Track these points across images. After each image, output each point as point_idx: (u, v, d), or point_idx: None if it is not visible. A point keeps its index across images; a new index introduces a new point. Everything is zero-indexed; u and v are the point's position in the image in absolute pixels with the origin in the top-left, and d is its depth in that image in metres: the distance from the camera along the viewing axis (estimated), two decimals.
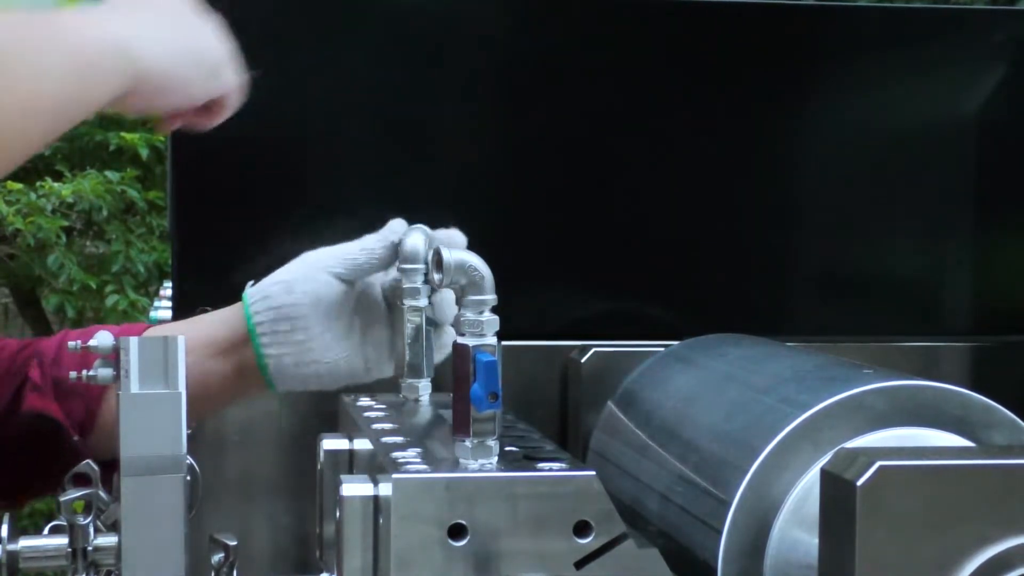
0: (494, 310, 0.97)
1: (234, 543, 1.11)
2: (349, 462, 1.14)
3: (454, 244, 1.19)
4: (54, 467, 1.17)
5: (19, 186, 4.49)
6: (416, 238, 1.20)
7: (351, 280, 1.22)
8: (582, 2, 1.49)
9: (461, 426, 0.95)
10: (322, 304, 1.21)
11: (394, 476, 0.90)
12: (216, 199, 1.44)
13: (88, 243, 4.89)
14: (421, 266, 1.21)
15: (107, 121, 3.86)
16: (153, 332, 1.22)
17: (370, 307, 1.24)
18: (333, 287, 1.21)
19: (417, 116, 1.47)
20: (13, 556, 1.10)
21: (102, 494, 1.10)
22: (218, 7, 1.41)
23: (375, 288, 1.25)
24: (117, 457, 1.05)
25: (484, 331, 0.96)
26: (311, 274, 1.21)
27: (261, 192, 1.45)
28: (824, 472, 0.84)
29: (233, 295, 1.43)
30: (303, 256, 1.24)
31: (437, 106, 1.48)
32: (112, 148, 4.65)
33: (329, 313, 1.21)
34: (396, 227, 1.22)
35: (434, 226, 1.23)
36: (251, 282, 1.24)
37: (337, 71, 1.46)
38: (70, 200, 4.50)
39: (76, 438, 1.20)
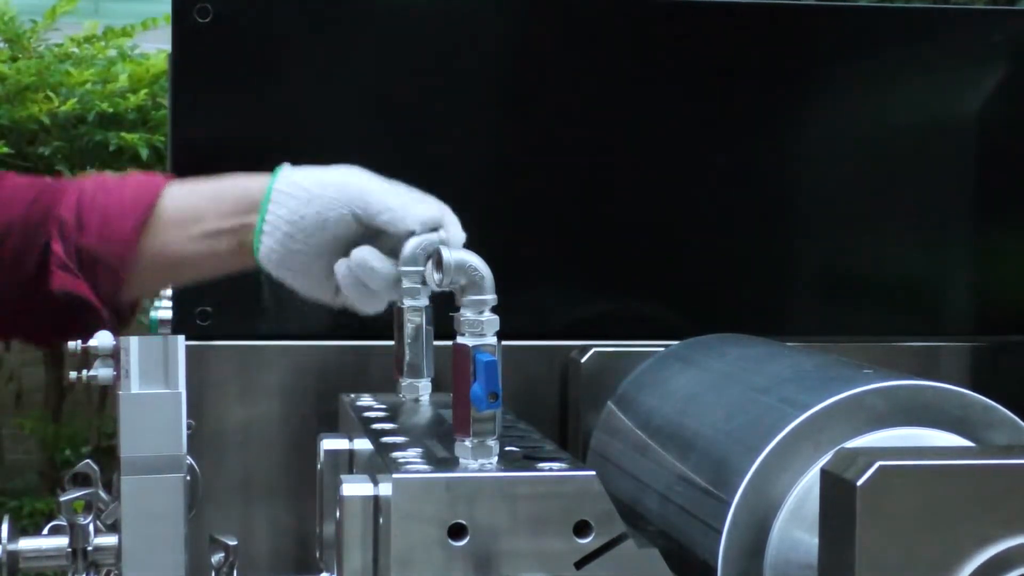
0: (494, 310, 0.97)
1: (234, 543, 1.11)
2: (349, 462, 1.14)
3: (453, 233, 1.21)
4: (80, 332, 1.21)
5: None
6: (416, 240, 1.20)
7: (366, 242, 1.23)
8: (581, 2, 1.49)
9: (461, 426, 0.95)
10: (328, 247, 1.22)
11: (394, 476, 0.90)
12: None
13: None
14: (421, 268, 1.21)
15: (107, 121, 3.86)
16: (174, 189, 1.27)
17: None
18: (349, 231, 1.22)
19: (417, 116, 1.47)
20: (13, 556, 1.09)
21: (102, 494, 1.10)
22: (218, 9, 1.41)
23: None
24: (154, 288, 1.21)
25: (484, 331, 0.96)
26: (338, 217, 1.21)
27: None
28: (824, 472, 0.84)
29: (233, 295, 1.44)
30: (353, 180, 1.23)
31: (437, 106, 1.48)
32: (112, 148, 4.63)
33: (330, 252, 1.22)
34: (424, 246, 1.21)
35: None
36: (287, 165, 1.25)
37: (337, 71, 1.46)
38: None
39: (103, 313, 1.24)
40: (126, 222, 1.23)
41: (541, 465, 0.95)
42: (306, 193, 1.22)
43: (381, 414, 1.16)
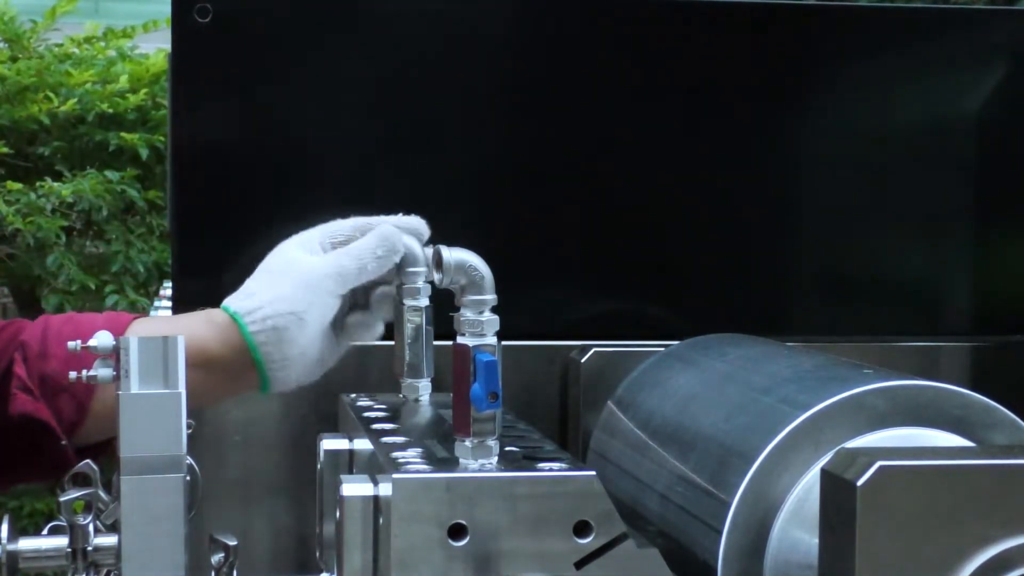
0: (494, 310, 0.97)
1: (234, 543, 1.11)
2: (349, 462, 1.14)
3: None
4: (39, 466, 1.18)
5: (19, 186, 4.48)
6: (415, 241, 1.20)
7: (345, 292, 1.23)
8: (582, 3, 1.49)
9: (461, 426, 0.95)
10: (326, 324, 1.22)
11: (394, 476, 0.90)
12: (216, 199, 1.44)
13: (88, 243, 4.88)
14: (422, 269, 1.21)
15: (107, 121, 3.86)
16: (138, 327, 1.21)
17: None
18: (335, 306, 1.22)
19: (417, 117, 1.47)
20: (13, 556, 1.09)
21: (102, 494, 1.10)
22: (218, 9, 1.41)
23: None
24: (110, 438, 1.06)
25: (484, 331, 0.96)
26: (318, 300, 1.20)
27: (260, 192, 1.45)
28: (824, 472, 0.84)
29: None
30: (294, 263, 1.22)
31: (437, 106, 1.48)
32: (112, 148, 4.64)
33: (329, 328, 1.23)
34: (390, 238, 1.21)
35: (433, 225, 1.23)
36: (232, 298, 1.22)
37: (336, 72, 1.46)
38: (70, 200, 4.49)
39: (64, 442, 1.19)
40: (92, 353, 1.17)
41: (541, 465, 0.95)
42: (288, 318, 1.20)
43: (381, 414, 1.16)
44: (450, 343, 0.97)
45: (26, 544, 1.11)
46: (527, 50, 1.50)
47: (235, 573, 1.11)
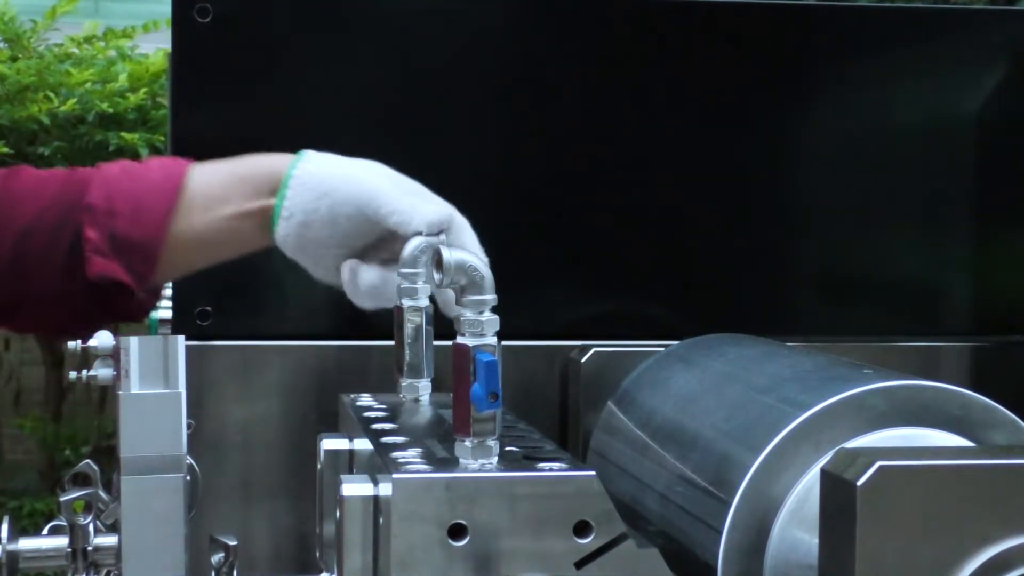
0: (494, 310, 0.97)
1: (234, 543, 1.11)
2: (349, 462, 1.14)
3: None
4: (116, 315, 1.27)
5: None
6: (416, 241, 1.20)
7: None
8: (582, 3, 1.49)
9: (461, 426, 0.95)
10: (339, 241, 1.25)
11: (394, 476, 0.90)
12: None
13: None
14: (421, 270, 1.21)
15: (107, 121, 3.86)
16: (196, 172, 1.28)
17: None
18: (360, 229, 1.24)
19: (417, 116, 1.47)
20: (13, 556, 1.09)
21: (102, 494, 1.10)
22: (218, 9, 1.41)
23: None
24: (181, 271, 1.27)
25: (484, 331, 0.96)
26: (349, 215, 1.23)
27: None
28: (824, 472, 0.84)
29: (233, 295, 1.44)
30: (369, 178, 1.24)
31: (437, 106, 1.48)
32: (112, 148, 4.64)
33: (339, 245, 1.25)
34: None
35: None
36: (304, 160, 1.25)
37: (336, 71, 1.46)
38: None
39: (141, 295, 1.26)
40: (157, 206, 1.24)
41: (541, 465, 0.94)
42: (321, 185, 1.23)
43: (381, 414, 1.16)
44: (450, 343, 0.97)
45: (26, 544, 1.11)
46: (528, 50, 1.50)
47: (235, 573, 1.11)
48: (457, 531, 0.90)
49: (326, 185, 1.23)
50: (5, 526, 1.11)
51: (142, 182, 1.26)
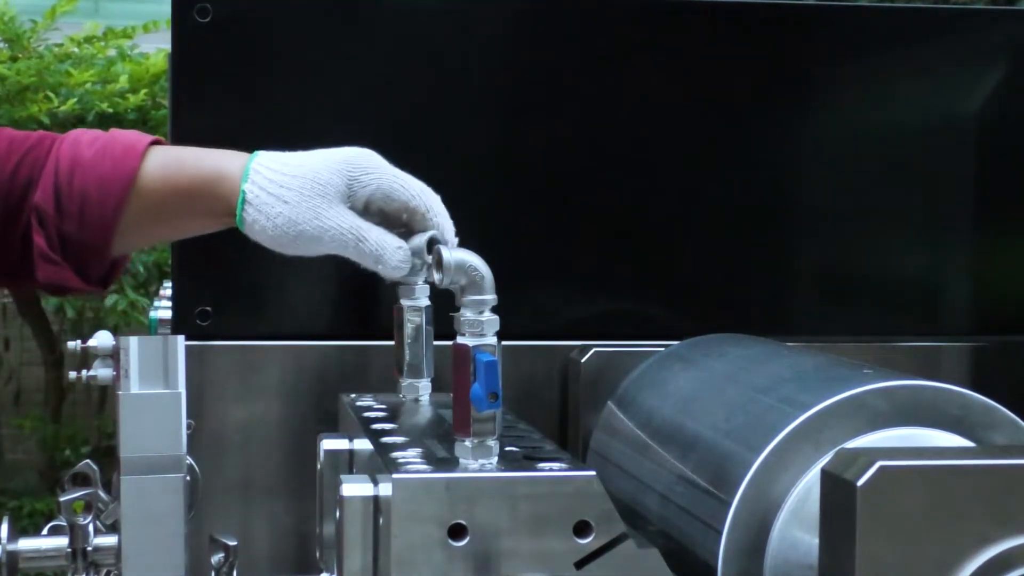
0: (494, 310, 0.97)
1: (234, 543, 1.11)
2: (349, 462, 1.14)
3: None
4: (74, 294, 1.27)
5: None
6: (417, 240, 1.20)
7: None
8: (581, 5, 1.49)
9: (461, 426, 0.95)
10: (317, 204, 1.19)
11: (394, 476, 0.90)
12: None
13: None
14: (420, 271, 1.21)
15: (107, 121, 3.86)
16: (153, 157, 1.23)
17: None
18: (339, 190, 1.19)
19: (417, 116, 1.47)
20: (13, 556, 1.09)
21: (102, 494, 1.10)
22: (218, 9, 1.41)
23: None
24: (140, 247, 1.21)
25: (484, 331, 0.96)
26: (329, 177, 1.18)
27: None
28: (824, 472, 0.84)
29: (233, 295, 1.44)
30: (327, 189, 1.19)
31: (437, 106, 1.48)
32: None
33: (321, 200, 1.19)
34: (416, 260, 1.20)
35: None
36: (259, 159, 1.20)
37: (336, 72, 1.46)
38: None
39: (93, 289, 1.26)
40: (104, 209, 1.21)
41: (541, 465, 0.95)
42: (292, 160, 1.20)
43: (381, 414, 1.16)
44: (450, 343, 0.97)
45: (26, 544, 1.11)
46: (528, 50, 1.50)
47: (235, 573, 1.11)
48: (457, 531, 0.90)
49: (298, 158, 1.19)
50: (5, 526, 1.11)
51: (92, 176, 1.22)
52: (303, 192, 1.18)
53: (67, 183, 1.21)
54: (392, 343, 1.26)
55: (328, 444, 1.16)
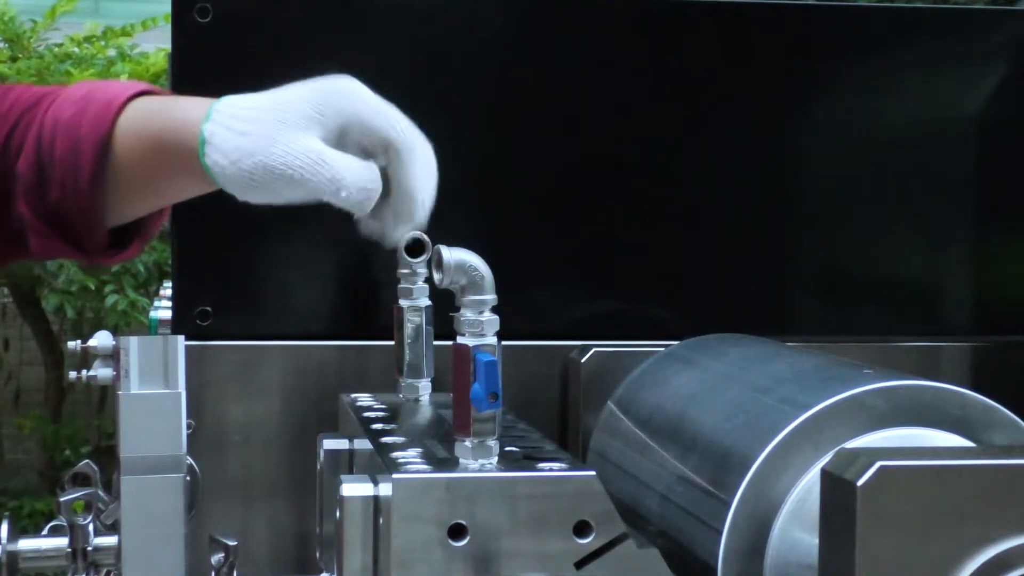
0: (494, 310, 0.97)
1: (234, 543, 1.11)
2: (349, 462, 1.14)
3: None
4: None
5: None
6: (417, 239, 1.20)
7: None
8: (581, 4, 1.49)
9: (461, 426, 0.95)
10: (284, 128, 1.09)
11: (394, 476, 0.90)
12: (216, 199, 1.44)
13: None
14: (424, 271, 1.21)
15: None
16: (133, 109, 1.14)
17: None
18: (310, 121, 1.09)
19: (416, 116, 1.47)
20: (13, 556, 1.10)
21: (102, 494, 1.10)
22: (218, 9, 1.41)
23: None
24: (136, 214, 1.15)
25: (484, 331, 0.96)
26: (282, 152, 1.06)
27: None
28: (824, 472, 0.84)
29: (233, 295, 1.44)
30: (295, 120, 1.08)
31: (436, 106, 1.48)
32: None
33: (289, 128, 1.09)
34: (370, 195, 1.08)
35: (434, 225, 1.23)
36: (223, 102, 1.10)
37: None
38: None
39: (92, 256, 1.19)
40: (81, 173, 1.13)
41: (541, 465, 0.95)
42: (262, 95, 1.11)
43: (381, 414, 1.16)
44: (450, 343, 0.97)
45: (26, 544, 1.11)
46: (527, 50, 1.50)
47: (235, 573, 1.11)
48: (457, 531, 0.90)
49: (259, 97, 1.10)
50: (5, 526, 1.11)
51: (69, 139, 1.14)
52: (262, 121, 1.07)
53: (48, 148, 1.14)
54: (392, 343, 1.26)
55: (328, 444, 1.16)
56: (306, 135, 1.07)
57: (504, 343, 0.97)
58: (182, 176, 1.14)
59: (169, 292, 1.50)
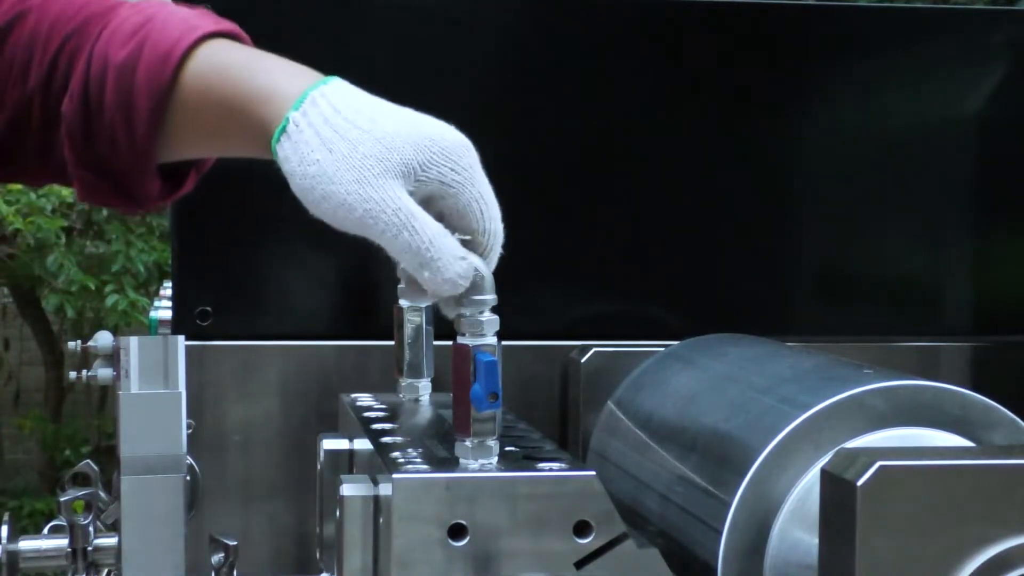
0: (494, 310, 0.97)
1: (234, 543, 1.11)
2: (349, 462, 1.14)
3: None
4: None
5: (19, 186, 4.48)
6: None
7: None
8: (581, 4, 1.49)
9: (461, 426, 0.95)
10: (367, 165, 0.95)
11: (394, 476, 0.90)
12: (216, 199, 1.44)
13: (88, 243, 4.89)
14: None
15: None
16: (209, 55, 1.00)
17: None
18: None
19: None
20: (13, 556, 1.10)
21: (102, 494, 1.10)
22: (218, 9, 1.41)
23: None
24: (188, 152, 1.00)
25: (484, 331, 0.96)
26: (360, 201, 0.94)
27: (260, 192, 1.45)
28: (824, 472, 0.84)
29: (233, 295, 1.44)
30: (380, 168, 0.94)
31: (437, 106, 1.47)
32: None
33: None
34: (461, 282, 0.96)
35: None
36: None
37: (337, 72, 1.46)
38: (70, 200, 4.49)
39: (143, 204, 1.07)
40: (135, 131, 1.00)
41: (541, 465, 0.94)
42: (368, 107, 0.99)
43: (381, 414, 1.16)
44: (450, 343, 0.97)
45: (26, 544, 1.11)
46: (528, 50, 1.50)
47: (235, 573, 1.11)
48: (457, 531, 0.90)
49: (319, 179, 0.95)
50: (5, 526, 1.11)
51: (121, 88, 0.99)
52: (358, 148, 0.94)
53: (97, 94, 1.00)
54: (392, 343, 1.26)
55: (328, 444, 1.16)
56: (399, 187, 0.94)
57: (504, 343, 0.97)
58: (250, 146, 1.01)
59: (169, 292, 1.50)
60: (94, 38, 1.02)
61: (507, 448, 0.99)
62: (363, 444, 1.09)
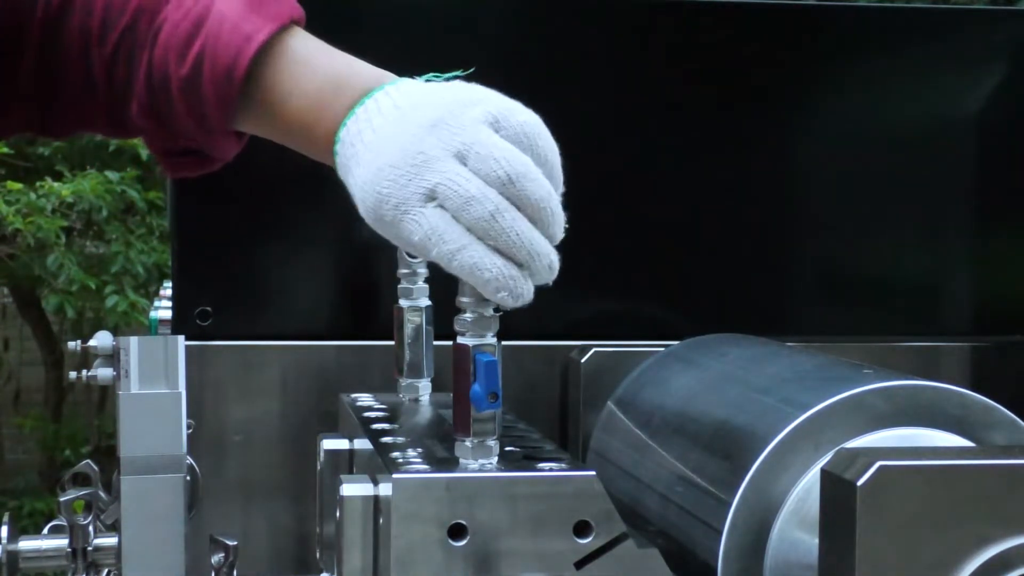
0: (494, 310, 0.97)
1: (234, 543, 1.11)
2: (349, 462, 1.14)
3: None
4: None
5: (19, 186, 4.49)
6: None
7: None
8: (583, 4, 1.49)
9: (461, 426, 0.95)
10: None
11: (394, 476, 0.90)
12: (216, 199, 1.44)
13: (88, 243, 4.89)
14: (424, 271, 1.21)
15: None
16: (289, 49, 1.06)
17: None
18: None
19: None
20: (13, 556, 1.10)
21: (102, 494, 1.10)
22: None
23: None
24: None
25: (484, 331, 0.96)
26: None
27: (260, 194, 1.45)
28: (824, 472, 0.84)
29: (233, 295, 1.44)
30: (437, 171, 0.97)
31: None
32: (112, 148, 4.65)
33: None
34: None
35: None
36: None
37: None
38: (70, 200, 4.50)
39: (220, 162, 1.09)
40: (211, 129, 1.02)
41: (541, 465, 0.94)
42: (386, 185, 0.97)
43: (381, 414, 1.16)
44: (450, 343, 0.97)
45: (26, 544, 1.11)
46: (527, 49, 1.50)
47: (235, 573, 1.11)
48: (457, 531, 0.90)
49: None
50: (5, 526, 1.11)
51: (191, 99, 1.00)
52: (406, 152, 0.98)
53: (165, 106, 1.01)
54: (392, 343, 1.26)
55: (328, 444, 1.16)
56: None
57: (504, 343, 0.97)
58: (323, 156, 1.04)
59: (169, 292, 1.50)
60: (150, 43, 1.02)
61: (507, 448, 0.99)
62: (363, 444, 1.09)
